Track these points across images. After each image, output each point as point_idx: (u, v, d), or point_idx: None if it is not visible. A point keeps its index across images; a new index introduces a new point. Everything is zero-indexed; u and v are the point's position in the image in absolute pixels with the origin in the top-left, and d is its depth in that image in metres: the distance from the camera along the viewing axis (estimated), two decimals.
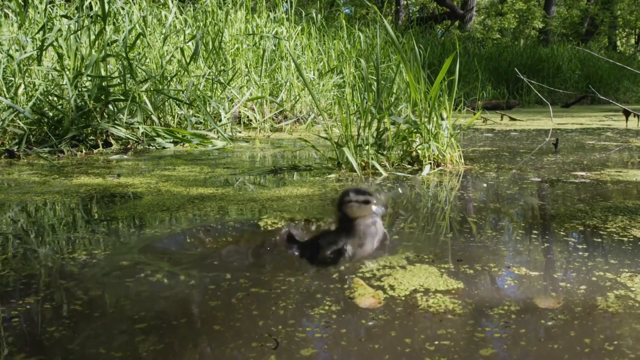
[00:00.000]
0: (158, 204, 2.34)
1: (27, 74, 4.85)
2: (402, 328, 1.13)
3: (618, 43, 34.25)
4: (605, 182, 2.86)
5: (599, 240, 1.77)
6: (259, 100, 6.46)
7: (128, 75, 4.88)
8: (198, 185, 2.79)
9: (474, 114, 10.09)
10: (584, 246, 1.70)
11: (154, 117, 5.18)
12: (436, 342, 1.07)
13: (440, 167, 3.29)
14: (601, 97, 9.23)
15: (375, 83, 3.32)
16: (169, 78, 5.61)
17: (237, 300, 1.29)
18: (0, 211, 2.26)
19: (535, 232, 1.89)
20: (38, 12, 5.75)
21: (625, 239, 1.76)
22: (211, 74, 6.16)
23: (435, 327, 1.13)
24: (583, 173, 3.17)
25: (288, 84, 6.96)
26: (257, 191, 2.64)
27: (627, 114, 7.74)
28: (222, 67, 6.56)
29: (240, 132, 6.02)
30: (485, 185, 2.79)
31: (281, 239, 1.69)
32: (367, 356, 1.02)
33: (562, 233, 1.86)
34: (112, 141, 4.65)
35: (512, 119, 8.81)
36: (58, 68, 4.81)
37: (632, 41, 36.82)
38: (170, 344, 1.08)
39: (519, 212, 2.23)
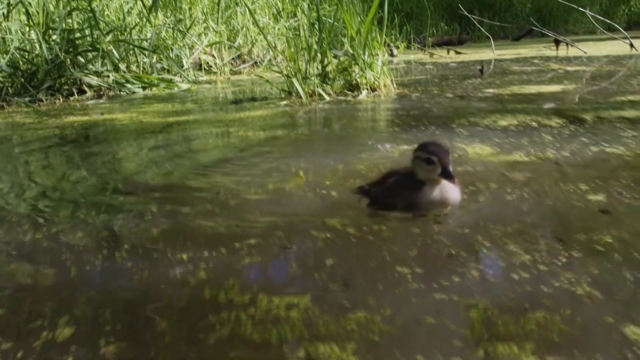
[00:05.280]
0: (143, 129, 2.91)
1: None
2: None
3: None
4: (504, 95, 3.56)
5: (474, 128, 2.45)
6: (218, 45, 6.89)
7: (94, 27, 5.26)
8: (173, 115, 3.36)
9: (424, 50, 10.57)
10: (463, 131, 2.39)
11: (121, 66, 5.60)
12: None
13: (375, 92, 3.92)
14: (538, 29, 9.91)
15: (324, 23, 3.88)
16: (129, 29, 5.99)
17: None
18: (21, 141, 2.79)
19: (433, 126, 2.56)
20: None
21: (491, 127, 2.45)
22: (170, 23, 6.53)
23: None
24: (491, 90, 3.86)
25: (244, 29, 7.38)
26: (222, 115, 3.23)
27: (557, 42, 8.48)
28: (180, 17, 6.92)
29: (202, 76, 6.48)
30: (409, 101, 3.45)
31: None
32: None
33: (452, 125, 2.54)
34: (86, 89, 5.10)
35: (457, 52, 9.42)
36: (29, 23, 5.16)
37: None
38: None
39: (426, 115, 2.89)
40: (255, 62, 7.45)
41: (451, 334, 0.87)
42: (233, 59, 7.20)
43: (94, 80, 5.06)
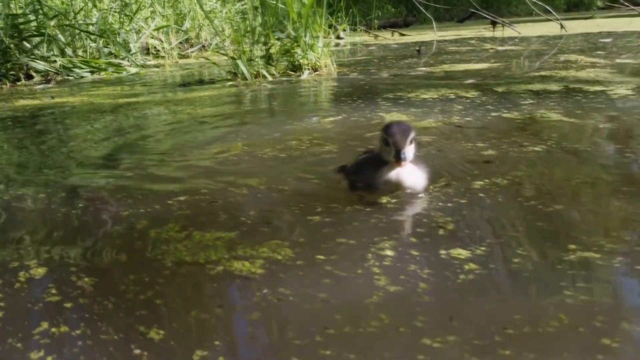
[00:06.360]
0: (95, 109, 3.06)
1: None
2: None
3: None
4: (434, 72, 3.87)
5: (397, 101, 2.74)
6: (165, 29, 6.95)
7: (40, 12, 5.26)
8: (123, 97, 3.51)
9: (369, 33, 10.81)
10: (386, 103, 2.67)
11: (68, 50, 5.62)
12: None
13: (317, 72, 4.16)
14: (478, 11, 10.34)
15: (269, 7, 4.07)
16: (74, 13, 5.99)
17: None
18: None
19: (360, 100, 2.83)
20: None
21: (413, 99, 2.75)
22: (116, 7, 6.54)
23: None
24: (424, 68, 4.17)
25: (191, 13, 7.45)
26: (171, 96, 3.40)
27: (494, 24, 8.94)
28: (126, 0, 6.93)
29: (150, 60, 6.55)
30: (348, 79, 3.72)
31: None
32: None
33: (378, 100, 2.82)
34: (33, 74, 5.12)
35: (401, 34, 9.74)
36: None
37: None
38: None
39: (358, 91, 3.16)
40: (203, 46, 7.55)
41: (326, 272, 1.08)
42: (181, 43, 7.27)
43: (40, 65, 5.08)
